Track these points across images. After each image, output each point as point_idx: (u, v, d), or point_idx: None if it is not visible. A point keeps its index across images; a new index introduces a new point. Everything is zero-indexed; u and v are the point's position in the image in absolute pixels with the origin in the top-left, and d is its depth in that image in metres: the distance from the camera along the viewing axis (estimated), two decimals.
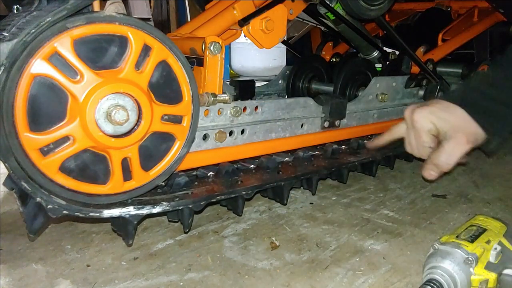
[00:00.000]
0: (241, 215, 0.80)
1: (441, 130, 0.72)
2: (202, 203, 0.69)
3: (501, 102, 0.69)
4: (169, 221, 0.79)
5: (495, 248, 0.55)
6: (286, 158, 0.86)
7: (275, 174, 0.80)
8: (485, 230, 0.60)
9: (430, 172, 0.73)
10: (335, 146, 0.94)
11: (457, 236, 0.58)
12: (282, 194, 0.80)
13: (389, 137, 0.84)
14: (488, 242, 0.57)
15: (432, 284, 0.54)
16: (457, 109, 0.70)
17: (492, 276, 0.53)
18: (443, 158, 0.71)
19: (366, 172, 0.99)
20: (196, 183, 0.74)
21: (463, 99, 0.72)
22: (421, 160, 0.75)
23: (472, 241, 0.57)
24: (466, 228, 0.61)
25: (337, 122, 0.94)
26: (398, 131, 0.82)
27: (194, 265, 0.68)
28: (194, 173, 0.77)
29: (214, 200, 0.71)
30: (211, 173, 0.77)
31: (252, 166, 0.82)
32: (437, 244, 0.57)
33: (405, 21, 1.59)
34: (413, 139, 0.75)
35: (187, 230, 0.73)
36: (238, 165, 0.81)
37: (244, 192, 0.74)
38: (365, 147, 0.95)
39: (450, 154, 0.70)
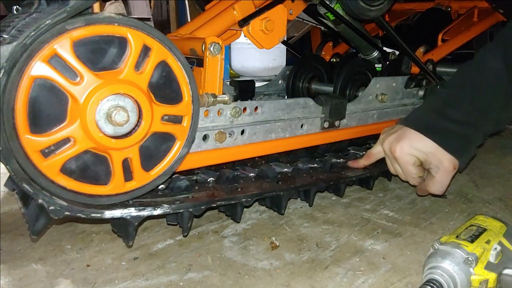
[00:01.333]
0: (239, 222, 0.80)
1: (425, 161, 0.76)
2: (202, 207, 0.69)
3: (463, 123, 0.73)
4: (168, 224, 0.79)
5: (495, 248, 0.55)
6: (285, 169, 0.86)
7: (274, 184, 0.80)
8: (485, 230, 0.60)
9: (424, 194, 0.84)
10: (334, 160, 0.93)
11: (457, 236, 0.58)
12: (280, 203, 0.80)
13: (368, 162, 0.89)
14: (488, 242, 0.57)
15: (432, 284, 0.54)
16: (428, 140, 0.73)
17: (492, 276, 0.53)
18: (437, 188, 0.78)
19: (363, 186, 0.98)
20: (196, 187, 0.75)
21: (429, 127, 0.75)
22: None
23: (472, 241, 0.57)
24: (466, 228, 0.61)
25: (337, 123, 0.94)
26: (376, 155, 0.87)
27: (194, 265, 0.68)
28: (195, 178, 0.77)
29: (214, 205, 0.71)
30: (211, 179, 0.78)
31: (251, 174, 0.82)
32: (437, 244, 0.57)
33: (405, 21, 1.59)
34: (399, 169, 0.81)
35: (186, 234, 0.73)
36: (238, 173, 0.81)
37: (244, 200, 0.74)
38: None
39: (442, 183, 0.78)
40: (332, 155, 0.95)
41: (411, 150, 0.76)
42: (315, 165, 0.91)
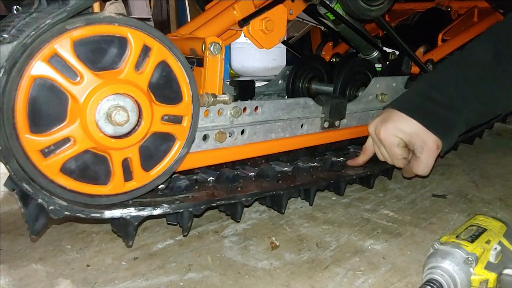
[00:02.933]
0: (239, 221, 0.80)
1: (409, 142, 0.77)
2: (202, 206, 0.69)
3: (446, 106, 0.74)
4: (168, 224, 0.79)
5: (495, 248, 0.55)
6: (285, 168, 0.86)
7: (274, 183, 0.80)
8: (485, 230, 0.60)
9: (411, 176, 0.84)
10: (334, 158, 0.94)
11: (457, 236, 0.58)
12: (281, 203, 0.80)
13: (366, 157, 0.90)
14: (488, 242, 0.57)
15: (432, 284, 0.54)
16: (412, 121, 0.74)
17: (492, 276, 0.53)
18: (422, 168, 0.79)
19: (364, 184, 0.98)
20: (196, 187, 0.75)
21: (414, 109, 0.76)
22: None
23: (472, 241, 0.57)
24: (466, 228, 0.61)
25: (337, 123, 0.94)
26: (371, 147, 0.87)
27: (194, 265, 0.68)
28: (194, 177, 0.77)
29: (214, 204, 0.71)
30: (211, 178, 0.78)
31: (251, 173, 0.82)
32: (437, 244, 0.57)
33: (405, 21, 1.59)
34: (385, 153, 0.82)
35: (186, 233, 0.73)
36: (238, 172, 0.81)
37: (243, 199, 0.74)
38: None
39: (427, 163, 0.79)
40: (332, 154, 0.95)
41: (395, 132, 0.77)
42: (315, 163, 0.91)
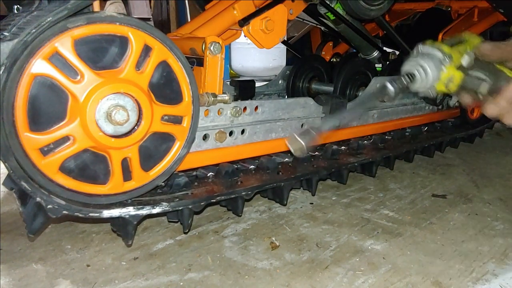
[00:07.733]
0: (240, 216, 0.80)
1: None
2: (202, 203, 0.69)
3: None
4: (169, 221, 0.79)
5: (469, 54, 0.58)
6: (286, 159, 0.86)
7: (274, 175, 0.80)
8: (465, 41, 0.62)
9: None
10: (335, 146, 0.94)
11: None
12: (282, 194, 0.80)
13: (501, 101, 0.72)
14: (465, 50, 0.60)
15: (407, 76, 0.57)
16: None
17: (459, 74, 0.57)
18: None
19: (366, 173, 0.99)
20: (196, 183, 0.74)
21: None
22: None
23: (451, 46, 0.60)
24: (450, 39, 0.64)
25: None
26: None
27: (194, 265, 0.68)
28: (194, 173, 0.77)
29: (214, 200, 0.71)
30: (211, 173, 0.77)
31: (252, 166, 0.82)
32: (420, 46, 0.60)
33: (405, 21, 1.59)
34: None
35: (187, 230, 0.73)
36: (238, 166, 0.81)
37: (244, 193, 0.74)
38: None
39: None
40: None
41: None
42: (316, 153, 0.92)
